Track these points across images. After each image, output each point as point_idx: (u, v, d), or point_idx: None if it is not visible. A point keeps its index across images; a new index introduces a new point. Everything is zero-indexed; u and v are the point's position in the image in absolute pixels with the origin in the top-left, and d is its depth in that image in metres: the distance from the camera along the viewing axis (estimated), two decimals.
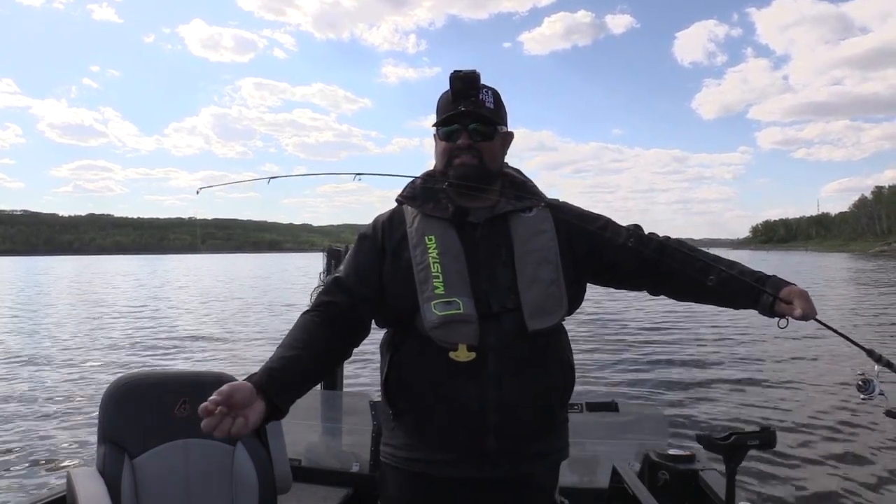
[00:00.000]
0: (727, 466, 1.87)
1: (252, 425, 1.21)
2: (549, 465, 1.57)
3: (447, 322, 1.42)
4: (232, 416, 1.18)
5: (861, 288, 28.87)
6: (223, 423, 1.16)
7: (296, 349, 1.37)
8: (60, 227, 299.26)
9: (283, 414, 1.30)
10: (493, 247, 1.51)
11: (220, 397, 1.16)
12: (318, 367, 1.41)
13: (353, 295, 1.49)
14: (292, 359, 1.34)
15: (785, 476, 5.21)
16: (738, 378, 9.24)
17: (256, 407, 1.22)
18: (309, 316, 1.46)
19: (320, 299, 1.50)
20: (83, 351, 12.59)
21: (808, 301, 1.39)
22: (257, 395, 1.23)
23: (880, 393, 1.44)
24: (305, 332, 1.42)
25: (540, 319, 1.45)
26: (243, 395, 1.21)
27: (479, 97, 1.52)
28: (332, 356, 1.47)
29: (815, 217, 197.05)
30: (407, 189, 1.62)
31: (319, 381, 1.52)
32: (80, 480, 1.81)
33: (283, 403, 1.28)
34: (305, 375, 1.36)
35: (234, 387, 1.20)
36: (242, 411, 1.19)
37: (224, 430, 1.17)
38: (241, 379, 1.26)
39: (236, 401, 1.18)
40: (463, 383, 1.42)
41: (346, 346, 1.49)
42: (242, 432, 1.19)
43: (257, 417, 1.22)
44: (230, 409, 1.18)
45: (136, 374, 2.09)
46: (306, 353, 1.37)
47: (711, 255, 1.57)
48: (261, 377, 1.27)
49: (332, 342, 1.43)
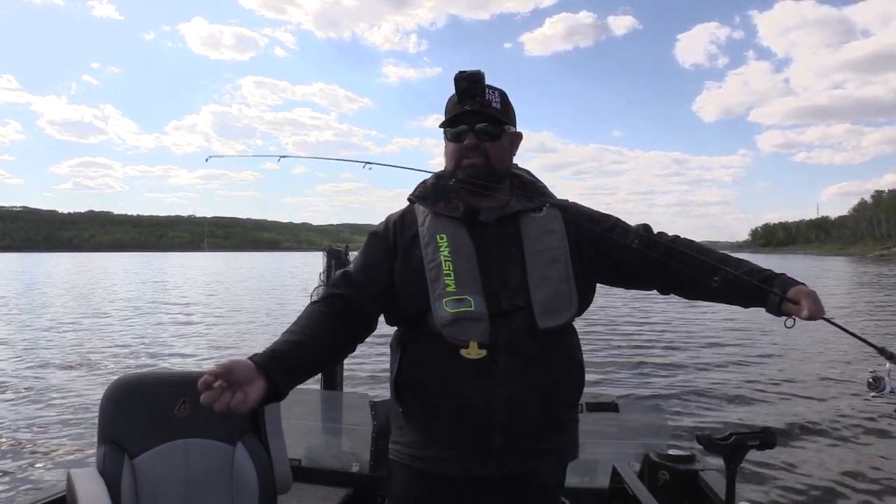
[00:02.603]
0: (727, 466, 1.87)
1: (251, 403, 1.21)
2: (555, 464, 1.57)
3: (458, 319, 1.42)
4: (231, 391, 1.18)
5: (865, 289, 28.88)
6: (223, 397, 1.16)
7: (301, 335, 1.38)
8: (60, 223, 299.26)
9: (281, 396, 1.30)
10: (503, 246, 1.51)
11: (221, 370, 1.17)
12: (321, 356, 1.41)
13: (361, 290, 1.49)
14: (297, 344, 1.35)
15: (785, 476, 5.21)
16: (738, 378, 9.26)
17: (257, 385, 1.22)
18: (317, 306, 1.46)
19: (328, 291, 1.51)
20: (83, 351, 12.57)
21: (817, 301, 1.38)
22: (258, 374, 1.24)
23: (891, 391, 1.43)
24: (312, 321, 1.43)
25: (550, 318, 1.46)
26: (244, 371, 1.21)
27: (485, 97, 1.52)
28: (336, 348, 1.46)
29: (814, 220, 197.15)
30: (418, 188, 1.62)
31: (320, 370, 1.52)
32: (80, 480, 1.80)
33: (283, 385, 1.28)
34: (308, 362, 1.37)
35: (235, 362, 1.20)
36: (242, 388, 1.19)
37: (223, 403, 1.16)
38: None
39: (237, 376, 1.19)
40: (472, 381, 1.42)
41: (351, 340, 1.49)
42: (241, 409, 1.19)
43: (257, 395, 1.22)
44: (230, 385, 1.18)
45: (135, 374, 2.09)
46: (311, 340, 1.38)
47: (720, 254, 1.56)
48: (263, 357, 1.28)
49: (337, 334, 1.44)
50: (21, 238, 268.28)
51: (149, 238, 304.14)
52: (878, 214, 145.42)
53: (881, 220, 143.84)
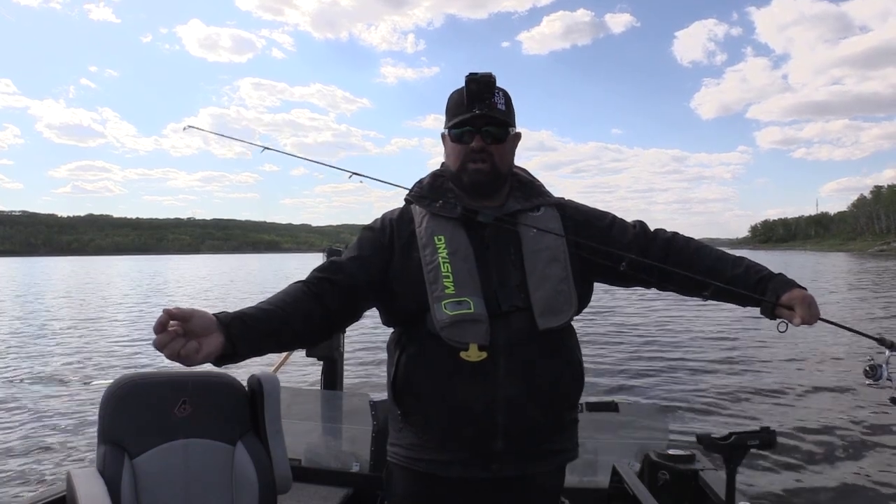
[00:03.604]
0: (727, 466, 1.87)
1: (203, 355, 1.18)
2: (556, 466, 1.56)
3: (458, 322, 1.41)
4: (185, 338, 1.16)
5: (864, 285, 28.87)
6: (174, 343, 1.14)
7: (275, 306, 1.36)
8: (59, 227, 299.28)
9: (237, 358, 1.27)
10: (502, 246, 1.50)
11: (178, 312, 1.15)
12: (287, 331, 1.37)
13: (348, 279, 1.47)
14: (266, 312, 1.33)
15: (785, 476, 5.21)
16: (738, 378, 9.25)
17: (213, 339, 1.21)
18: (298, 285, 1.44)
19: (314, 275, 1.48)
20: (83, 351, 12.58)
21: (811, 306, 1.38)
22: (217, 329, 1.22)
23: (888, 378, 1.44)
24: (290, 298, 1.40)
25: (550, 318, 1.45)
26: (202, 322, 1.19)
27: (493, 100, 1.51)
28: (306, 327, 1.42)
29: (814, 216, 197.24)
30: (415, 188, 1.61)
31: (285, 347, 1.48)
32: (80, 480, 1.80)
33: (240, 345, 1.25)
34: (272, 333, 1.33)
35: (195, 310, 1.18)
36: (199, 339, 1.18)
37: (174, 349, 1.14)
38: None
39: (194, 325, 1.17)
40: (472, 383, 1.41)
41: (328, 325, 1.46)
42: (193, 359, 1.16)
43: (211, 349, 1.20)
44: (186, 333, 1.16)
45: (136, 374, 2.08)
46: (282, 313, 1.35)
47: (717, 253, 1.56)
48: (228, 316, 1.26)
49: (313, 316, 1.40)
50: (21, 242, 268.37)
51: (148, 241, 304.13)
52: (878, 210, 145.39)
53: (881, 215, 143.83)
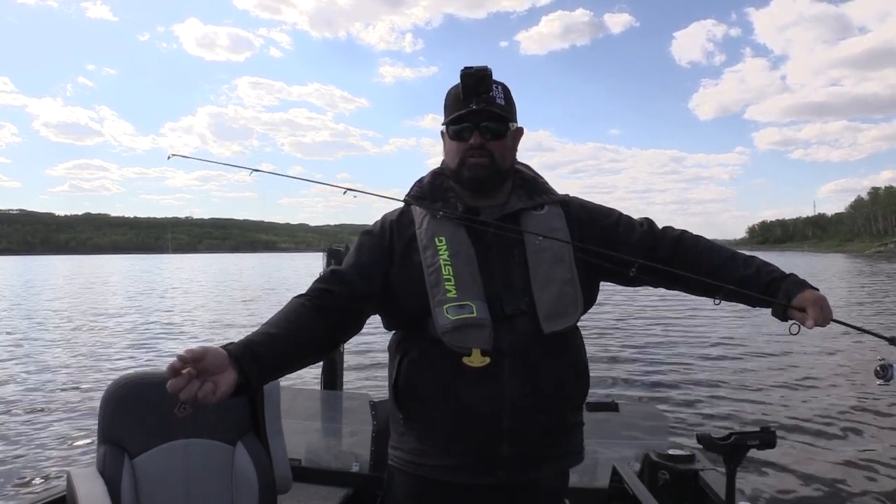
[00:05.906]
0: (727, 466, 1.86)
1: (221, 394, 1.15)
2: (561, 469, 1.54)
3: (460, 326, 1.37)
4: (201, 380, 1.13)
5: (866, 286, 28.91)
6: (190, 386, 1.11)
7: (280, 328, 1.32)
8: (57, 226, 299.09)
9: (252, 391, 1.25)
10: (505, 247, 1.45)
11: (190, 356, 1.11)
12: (298, 351, 1.34)
13: (349, 288, 1.43)
14: (274, 337, 1.29)
15: (785, 476, 5.21)
16: (738, 377, 9.26)
17: (228, 376, 1.17)
18: (300, 300, 1.40)
19: (315, 286, 1.44)
20: (83, 351, 12.56)
21: (823, 308, 1.34)
22: (230, 365, 1.18)
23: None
24: (294, 315, 1.36)
25: (555, 321, 1.41)
26: (215, 360, 1.16)
27: (490, 94, 1.46)
28: (314, 345, 1.38)
29: (811, 218, 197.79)
30: (414, 188, 1.56)
31: (297, 366, 1.39)
32: (79, 480, 1.80)
33: (255, 379, 1.23)
34: (284, 357, 1.31)
35: (207, 349, 1.15)
36: (213, 377, 1.14)
37: (191, 392, 1.12)
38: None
39: (207, 364, 1.14)
40: (476, 388, 1.37)
41: (333, 338, 1.42)
42: (210, 399, 1.13)
43: (227, 387, 1.16)
44: (199, 373, 1.13)
45: (136, 374, 2.08)
46: (290, 335, 1.31)
47: (727, 252, 1.51)
48: (238, 347, 1.22)
49: (317, 331, 1.37)
50: (18, 241, 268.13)
51: (146, 240, 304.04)
52: (875, 211, 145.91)
53: (878, 216, 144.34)
